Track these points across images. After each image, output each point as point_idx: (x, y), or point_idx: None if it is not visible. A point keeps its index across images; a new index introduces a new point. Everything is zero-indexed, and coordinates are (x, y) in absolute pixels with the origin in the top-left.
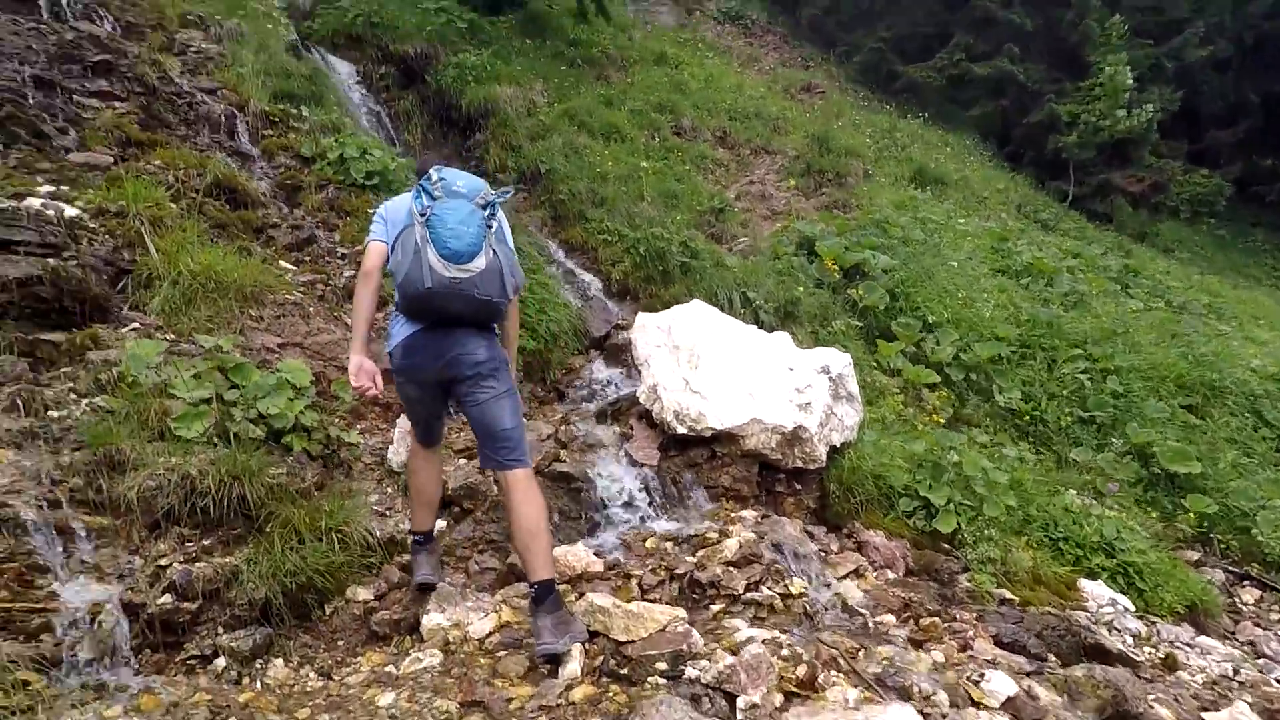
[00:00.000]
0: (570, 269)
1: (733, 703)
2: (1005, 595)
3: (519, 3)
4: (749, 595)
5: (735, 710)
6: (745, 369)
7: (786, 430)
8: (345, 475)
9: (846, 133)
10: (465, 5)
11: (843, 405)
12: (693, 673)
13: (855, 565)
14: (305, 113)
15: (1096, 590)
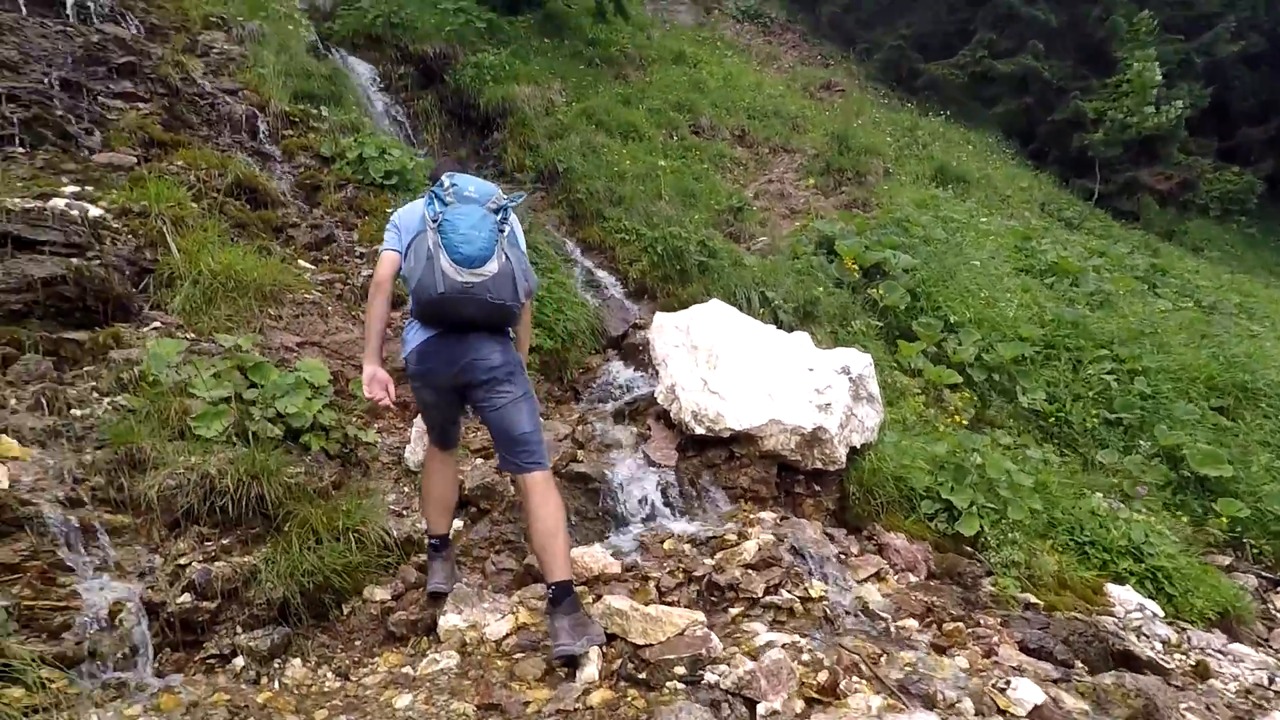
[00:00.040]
0: (588, 268)
1: (753, 709)
2: (1030, 600)
3: (537, 2)
4: (768, 598)
5: (755, 717)
6: (764, 369)
7: (806, 431)
8: (363, 474)
9: (866, 131)
10: (484, 5)
11: (863, 406)
12: (712, 678)
13: (876, 568)
14: (325, 113)
15: (1124, 595)
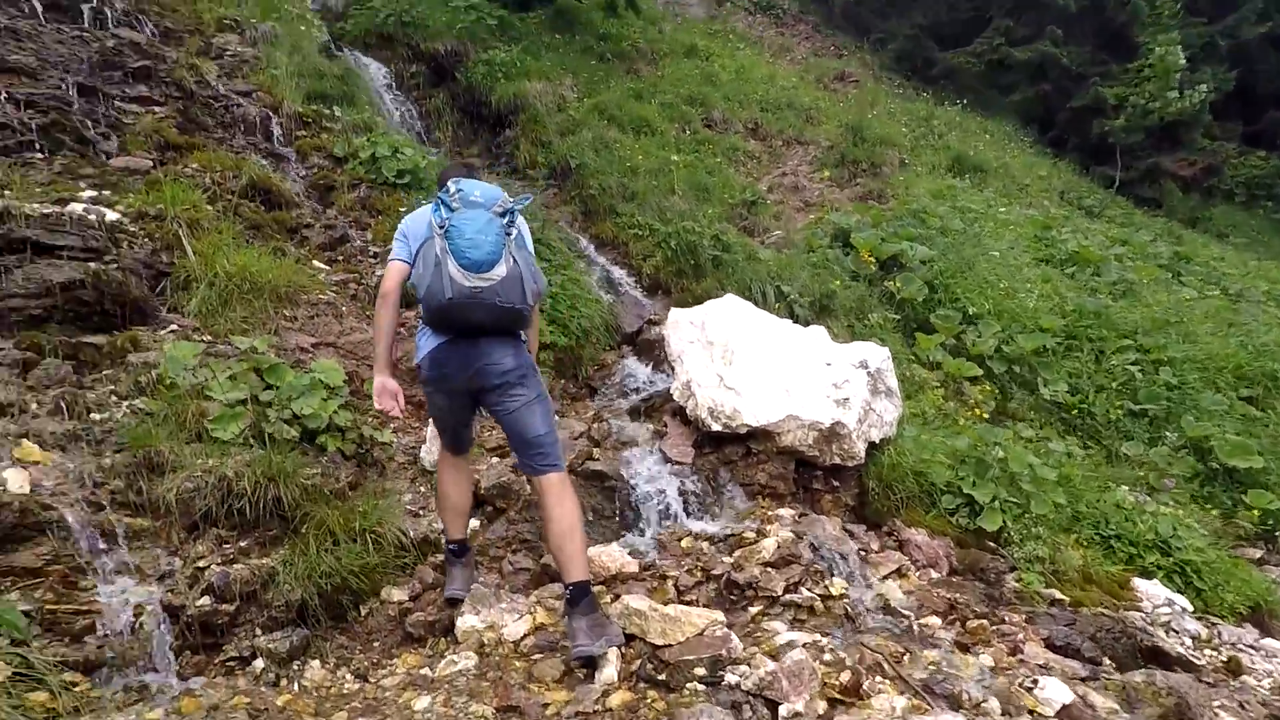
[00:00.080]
0: (601, 264)
1: (775, 711)
2: (1055, 595)
3: None
4: (788, 597)
5: (778, 719)
6: (780, 365)
7: (824, 427)
8: (379, 475)
9: (881, 122)
10: (495, 2)
11: (881, 400)
12: (732, 679)
13: (897, 565)
14: (338, 113)
15: (1151, 590)
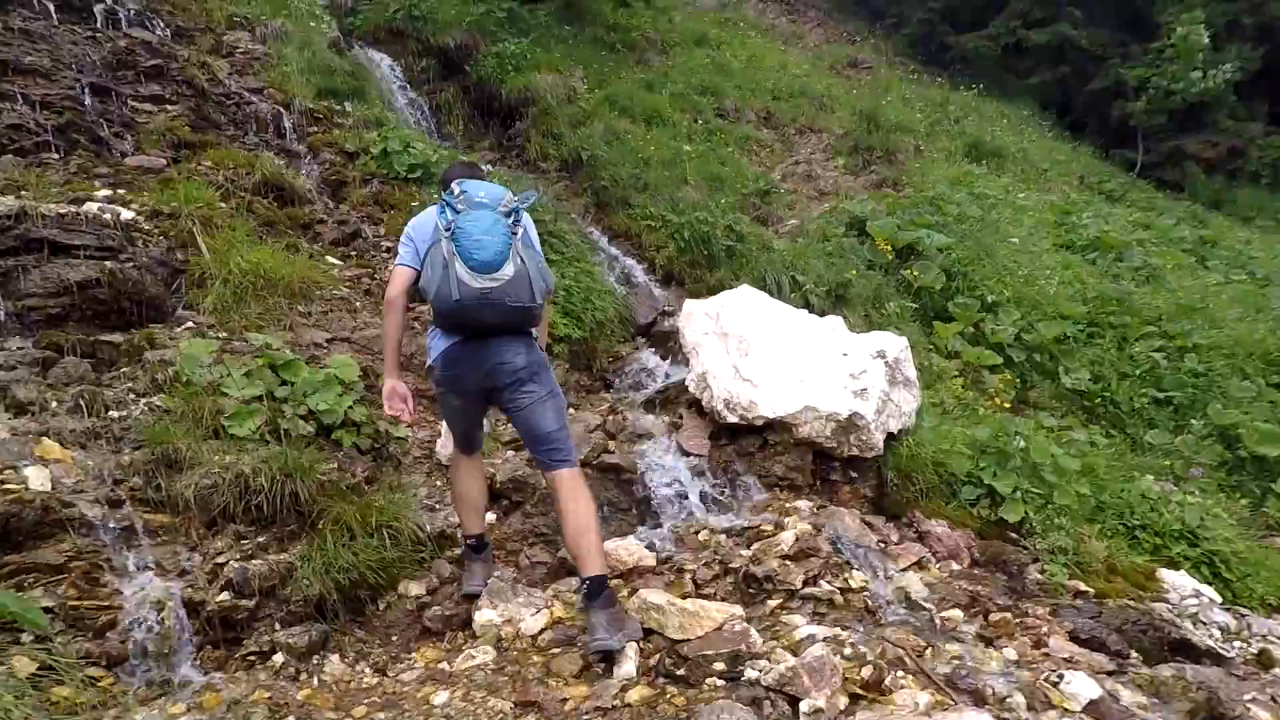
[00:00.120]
0: (614, 256)
1: (795, 706)
2: (1080, 587)
3: None
4: (807, 590)
5: (799, 714)
6: (796, 355)
7: (841, 418)
8: (394, 469)
9: (896, 108)
10: None
11: (900, 390)
12: (752, 674)
13: (917, 557)
14: (349, 108)
15: (1178, 581)
